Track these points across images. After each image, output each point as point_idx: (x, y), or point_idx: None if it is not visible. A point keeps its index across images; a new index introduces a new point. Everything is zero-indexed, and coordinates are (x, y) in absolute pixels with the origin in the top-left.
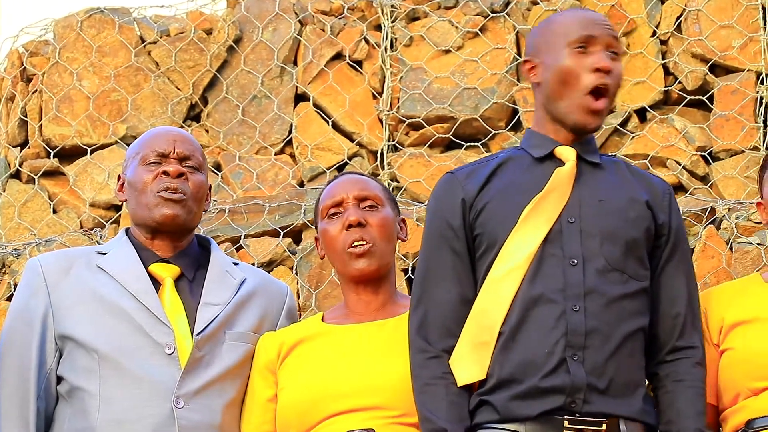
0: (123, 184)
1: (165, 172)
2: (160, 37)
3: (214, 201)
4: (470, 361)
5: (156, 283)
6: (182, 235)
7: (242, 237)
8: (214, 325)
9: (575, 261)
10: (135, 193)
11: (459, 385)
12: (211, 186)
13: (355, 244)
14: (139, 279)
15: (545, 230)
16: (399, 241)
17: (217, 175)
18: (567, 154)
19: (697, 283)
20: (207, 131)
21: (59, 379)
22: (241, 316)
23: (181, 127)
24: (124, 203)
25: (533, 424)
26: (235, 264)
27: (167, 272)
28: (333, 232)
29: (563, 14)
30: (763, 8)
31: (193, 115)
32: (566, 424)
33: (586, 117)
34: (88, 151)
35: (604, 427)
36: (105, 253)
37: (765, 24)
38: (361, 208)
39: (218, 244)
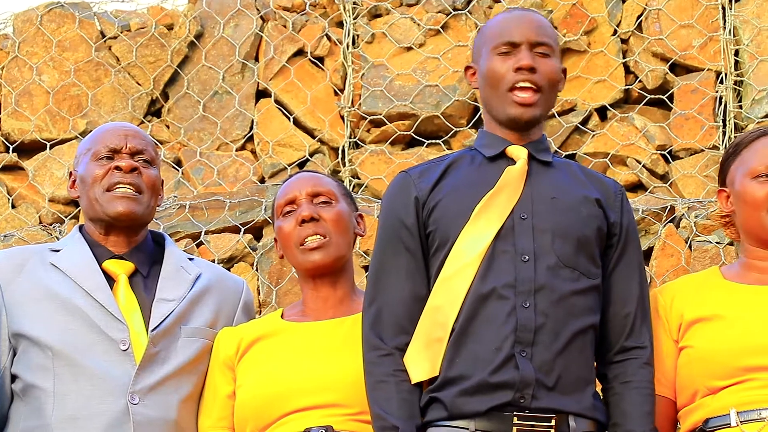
0: (75, 180)
1: (118, 167)
2: (121, 32)
3: (175, 197)
4: (424, 359)
5: (110, 279)
6: (136, 231)
7: (203, 233)
8: (169, 321)
9: (527, 257)
10: (87, 190)
11: (413, 383)
12: (163, 181)
13: (308, 239)
14: (93, 276)
15: (497, 226)
16: (357, 236)
17: (178, 170)
18: (518, 152)
19: (647, 282)
20: (168, 127)
21: (13, 378)
22: (196, 312)
23: (141, 122)
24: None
25: (482, 421)
26: (191, 259)
27: (121, 268)
28: (287, 229)
29: (494, 19)
30: (723, 8)
31: (153, 111)
32: (515, 420)
33: (516, 109)
34: (48, 146)
35: (553, 423)
36: (58, 251)
37: (725, 24)
38: (314, 204)
39: (178, 240)
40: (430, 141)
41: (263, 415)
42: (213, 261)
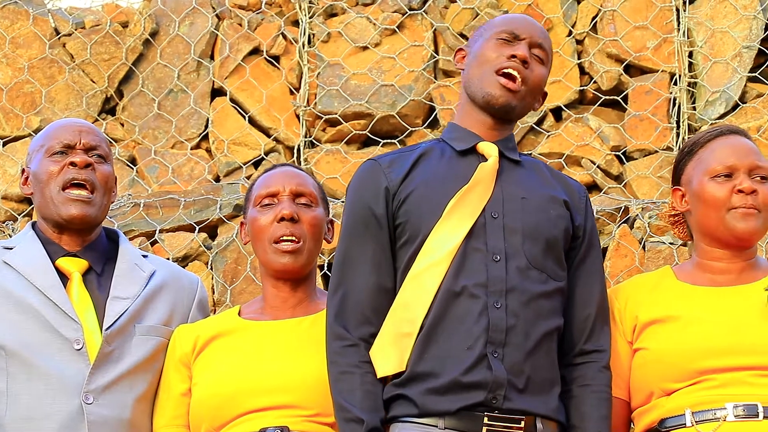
0: (27, 177)
1: (72, 163)
2: (75, 30)
3: (129, 195)
4: (391, 353)
5: (64, 277)
6: (90, 230)
7: (157, 231)
8: (123, 319)
9: (498, 257)
10: (41, 186)
11: (378, 377)
12: (116, 178)
13: (284, 238)
14: (46, 274)
15: (469, 224)
16: (324, 241)
17: (132, 169)
18: (489, 149)
19: (606, 285)
20: (122, 125)
21: None
22: (150, 310)
23: (96, 120)
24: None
25: (452, 420)
26: (145, 256)
27: (75, 266)
28: (263, 222)
29: (504, 15)
30: (677, 10)
31: (108, 109)
32: (486, 420)
33: (496, 89)
34: (1, 144)
35: (522, 424)
36: (11, 248)
37: (679, 25)
38: (295, 203)
39: (132, 238)
40: (385, 140)
41: (219, 415)
42: (168, 260)
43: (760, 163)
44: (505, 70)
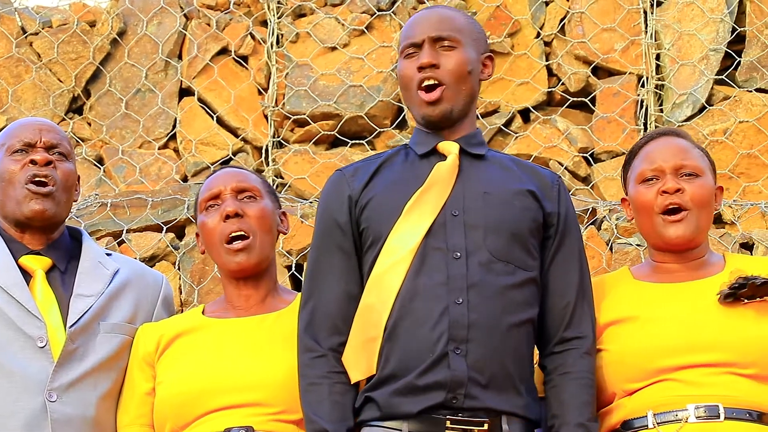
0: None
1: (33, 161)
2: (42, 29)
3: (96, 195)
4: (361, 358)
5: (27, 275)
6: (53, 228)
7: (124, 231)
8: (87, 317)
9: (458, 254)
10: (2, 184)
11: (352, 382)
12: (79, 176)
13: (233, 235)
14: (9, 272)
15: (428, 223)
16: (280, 234)
17: (99, 168)
18: (449, 148)
19: (589, 270)
20: (89, 124)
21: None
22: (114, 307)
23: (63, 119)
24: None
25: (415, 422)
26: (108, 254)
27: (38, 264)
28: (211, 225)
29: (407, 23)
30: (645, 12)
31: (75, 108)
32: (448, 424)
33: (425, 109)
34: None
35: (486, 427)
36: None
37: (646, 28)
38: (239, 199)
39: (99, 238)
40: (353, 141)
41: (183, 414)
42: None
43: (685, 162)
44: (423, 84)
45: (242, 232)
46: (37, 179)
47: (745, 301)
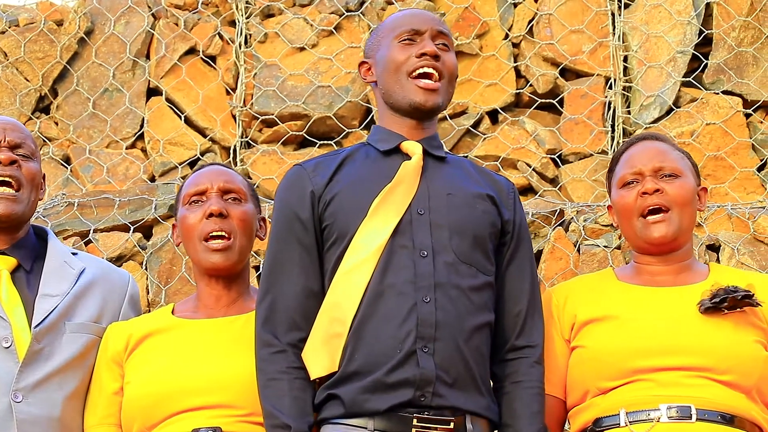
0: None
1: None
2: (9, 27)
3: (63, 194)
4: (322, 354)
5: None
6: (18, 227)
7: (91, 231)
8: (52, 317)
9: (425, 252)
10: None
11: (312, 378)
12: (45, 175)
13: (213, 234)
14: None
15: (395, 222)
16: (257, 239)
17: (67, 168)
18: (413, 148)
19: (539, 280)
20: (56, 123)
21: None
22: (81, 307)
23: (30, 119)
24: None
25: (381, 420)
26: (74, 254)
27: (3, 264)
28: (192, 220)
29: (393, 15)
30: (613, 15)
31: (42, 107)
32: (415, 422)
33: (420, 95)
34: None
35: (451, 426)
36: None
37: (614, 30)
38: (224, 199)
39: (66, 238)
40: (322, 141)
41: (151, 414)
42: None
43: (663, 164)
44: (420, 71)
45: (223, 233)
46: (1, 179)
47: (726, 312)
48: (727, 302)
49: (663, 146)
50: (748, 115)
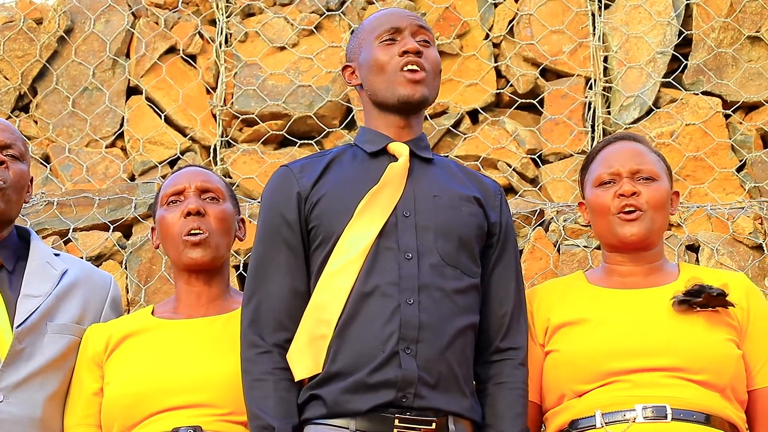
0: None
1: None
2: None
3: (42, 193)
4: (307, 356)
5: None
6: (1, 228)
7: (71, 230)
8: (34, 317)
9: (410, 255)
10: None
11: (296, 380)
12: (32, 177)
13: (192, 232)
14: None
15: (380, 223)
16: (236, 239)
17: (46, 167)
18: (400, 149)
19: (524, 283)
20: (36, 122)
21: None
22: (62, 308)
23: (9, 117)
24: None
25: (363, 420)
26: (57, 255)
27: None
28: (170, 220)
29: (371, 16)
30: (593, 15)
31: (21, 106)
32: (396, 422)
33: (407, 88)
34: None
35: (433, 426)
36: None
37: (594, 30)
38: (201, 198)
39: (46, 237)
40: (302, 141)
41: (131, 414)
42: (81, 259)
43: (641, 166)
44: (405, 68)
45: (200, 230)
46: None
47: (698, 309)
48: (702, 299)
49: (640, 148)
50: (727, 116)
